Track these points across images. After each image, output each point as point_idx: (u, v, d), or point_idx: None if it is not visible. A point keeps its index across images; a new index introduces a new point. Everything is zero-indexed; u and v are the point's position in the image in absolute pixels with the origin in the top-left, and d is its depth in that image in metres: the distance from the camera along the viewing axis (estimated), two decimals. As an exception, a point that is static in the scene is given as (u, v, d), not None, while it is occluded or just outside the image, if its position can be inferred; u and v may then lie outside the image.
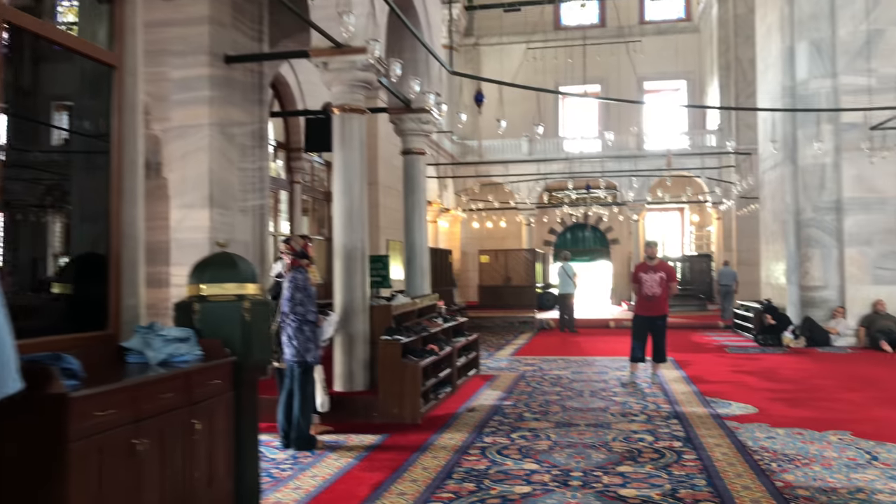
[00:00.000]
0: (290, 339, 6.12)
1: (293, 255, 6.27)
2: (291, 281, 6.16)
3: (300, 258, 6.29)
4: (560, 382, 9.45)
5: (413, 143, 10.13)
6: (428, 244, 10.31)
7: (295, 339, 6.10)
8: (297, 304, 6.10)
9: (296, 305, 6.10)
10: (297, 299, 6.10)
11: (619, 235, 29.35)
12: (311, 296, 6.21)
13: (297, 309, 6.11)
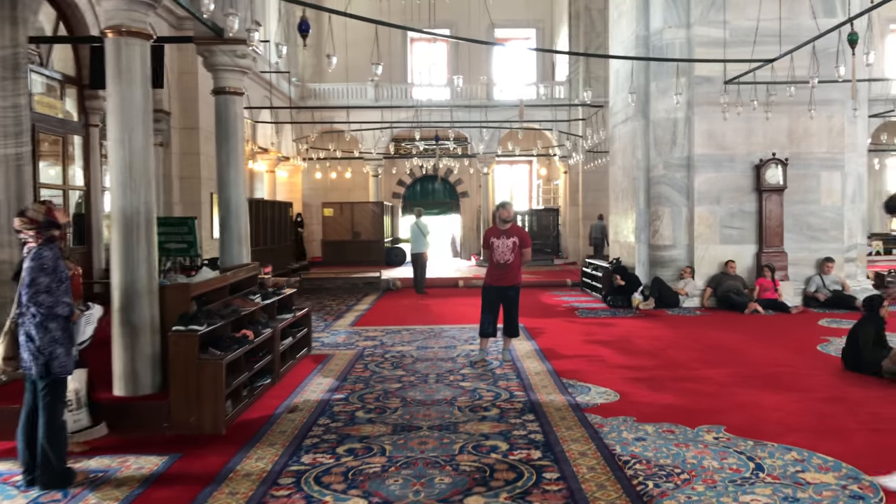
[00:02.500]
0: (30, 339, 4.49)
1: (35, 228, 4.58)
2: (34, 260, 4.50)
3: (46, 229, 4.60)
4: (403, 363, 8.27)
5: (227, 80, 8.42)
6: (245, 201, 8.70)
7: (37, 339, 4.48)
8: (41, 291, 4.46)
9: (39, 293, 4.46)
10: (40, 285, 4.46)
11: (469, 188, 28.62)
12: (61, 280, 4.57)
13: (42, 298, 4.47)
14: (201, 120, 14.09)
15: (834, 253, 13.07)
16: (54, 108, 10.08)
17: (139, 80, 5.81)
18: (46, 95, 10.11)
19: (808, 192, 13.11)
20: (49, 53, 10.12)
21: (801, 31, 12.29)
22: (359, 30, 25.11)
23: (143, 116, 5.83)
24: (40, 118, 9.47)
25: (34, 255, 4.52)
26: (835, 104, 13.02)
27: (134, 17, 5.78)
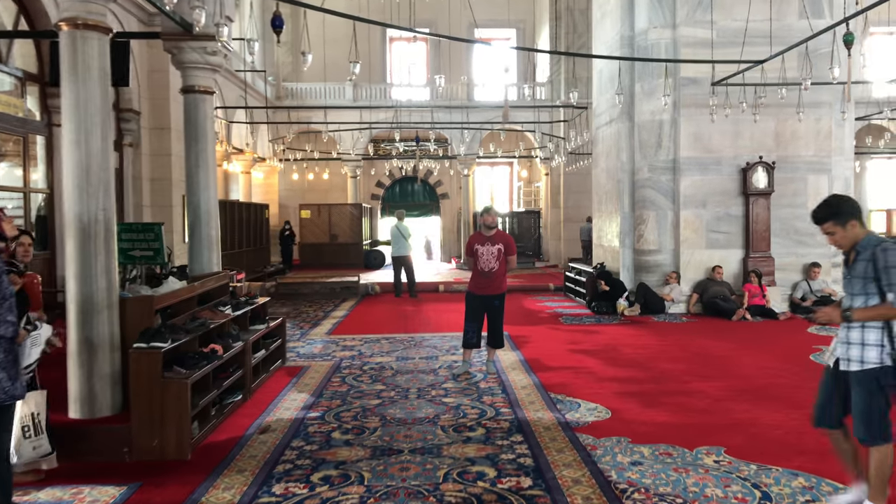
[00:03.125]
0: None
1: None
2: None
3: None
4: (382, 376, 7.88)
5: (196, 78, 7.98)
6: (216, 205, 8.27)
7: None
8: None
9: None
10: None
11: (449, 190, 28.26)
12: (5, 297, 4.12)
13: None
14: (173, 119, 13.58)
15: (821, 258, 12.86)
16: (14, 107, 9.58)
17: (97, 77, 5.37)
18: (5, 93, 9.60)
19: (796, 196, 12.89)
20: (9, 49, 9.61)
21: (790, 32, 12.08)
22: (337, 28, 24.67)
23: (101, 116, 5.40)
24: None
25: None
26: (823, 106, 12.82)
27: (91, 8, 5.34)
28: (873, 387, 3.72)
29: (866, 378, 3.74)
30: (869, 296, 3.74)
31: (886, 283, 3.63)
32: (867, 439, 3.79)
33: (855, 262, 3.80)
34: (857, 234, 3.78)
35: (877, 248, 3.70)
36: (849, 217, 3.77)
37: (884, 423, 3.75)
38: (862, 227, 3.79)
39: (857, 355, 3.78)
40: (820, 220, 3.86)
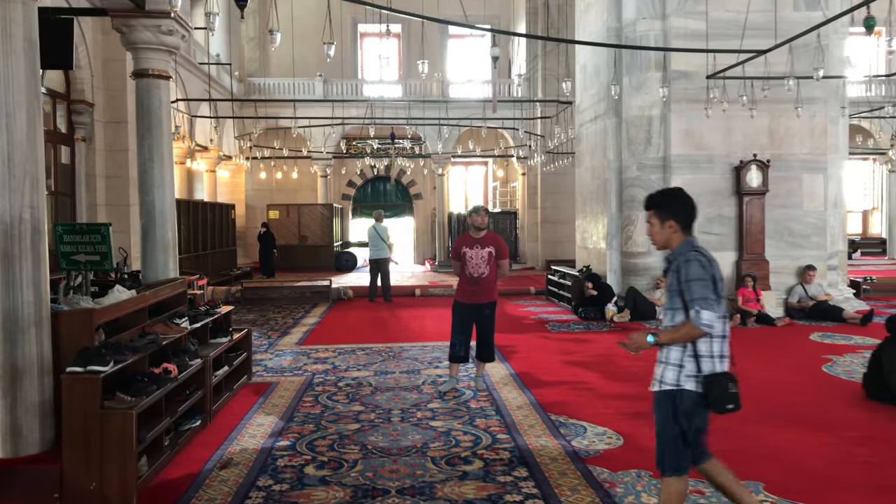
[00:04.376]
0: None
1: None
2: None
3: None
4: (360, 394, 7.06)
5: (149, 61, 7.10)
6: (173, 204, 7.40)
7: None
8: None
9: None
10: None
11: (423, 190, 27.47)
12: None
13: None
14: (130, 112, 12.60)
15: (816, 260, 12.31)
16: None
17: (22, 49, 4.50)
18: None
19: (790, 196, 12.32)
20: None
21: (784, 24, 11.48)
22: (305, 22, 23.82)
23: (27, 96, 4.53)
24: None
25: None
26: (817, 103, 12.26)
27: (13, -34, 4.47)
28: (668, 410, 3.40)
29: (662, 400, 3.43)
30: (676, 311, 3.42)
31: (689, 298, 3.28)
32: (658, 467, 3.47)
33: (667, 272, 3.47)
34: (670, 238, 3.44)
35: (680, 259, 3.36)
36: (669, 216, 3.43)
37: (675, 453, 3.40)
38: (682, 233, 3.43)
39: (658, 374, 3.47)
40: (646, 206, 3.56)
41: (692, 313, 3.25)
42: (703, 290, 3.23)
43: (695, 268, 3.26)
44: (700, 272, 3.26)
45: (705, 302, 3.21)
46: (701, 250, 3.36)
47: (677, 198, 3.49)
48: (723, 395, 3.30)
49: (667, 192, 3.56)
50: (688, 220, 3.45)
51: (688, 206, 3.46)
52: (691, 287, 3.25)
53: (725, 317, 3.38)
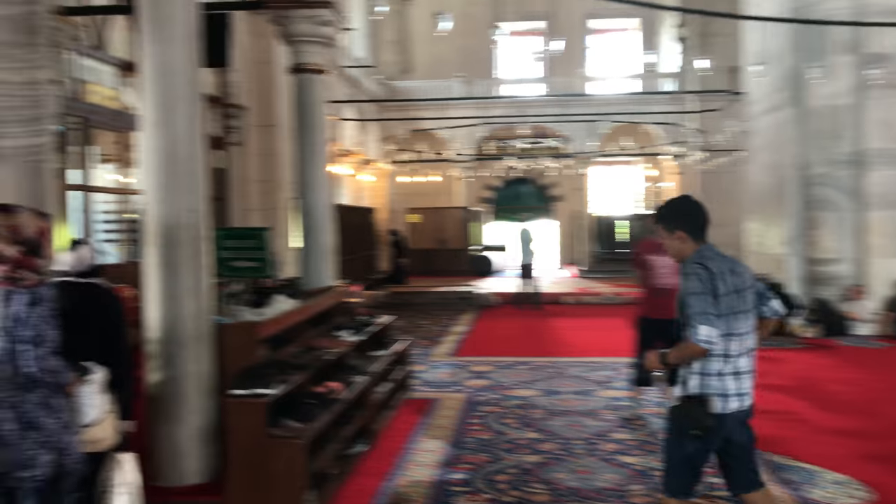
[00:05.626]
0: (31, 426, 2.83)
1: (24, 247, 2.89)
2: (38, 303, 2.85)
3: (30, 256, 2.91)
4: (531, 419, 6.32)
5: (307, 54, 6.72)
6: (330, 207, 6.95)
7: (45, 425, 2.86)
8: (49, 352, 2.85)
9: (48, 356, 2.84)
10: (49, 343, 2.85)
11: (564, 191, 26.45)
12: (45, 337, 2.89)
13: (52, 363, 2.86)
14: (280, 115, 12.51)
15: None
16: (110, 99, 8.62)
17: (180, 37, 4.07)
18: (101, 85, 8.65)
19: None
20: (104, 35, 8.66)
21: None
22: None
23: (186, 88, 4.10)
24: (93, 109, 8.01)
25: (36, 296, 2.85)
26: None
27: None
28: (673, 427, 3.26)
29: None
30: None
31: (688, 313, 3.09)
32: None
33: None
34: (682, 249, 3.24)
35: (683, 272, 3.21)
36: (675, 226, 3.24)
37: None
38: (694, 242, 3.21)
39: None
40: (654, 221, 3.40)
41: (690, 329, 3.05)
42: (701, 304, 3.04)
43: (692, 282, 3.10)
44: (697, 286, 3.07)
45: (702, 317, 3.02)
46: (705, 262, 3.12)
47: (682, 206, 3.34)
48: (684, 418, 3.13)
49: (670, 202, 3.43)
50: (696, 227, 3.22)
51: (694, 214, 3.26)
52: (689, 301, 3.08)
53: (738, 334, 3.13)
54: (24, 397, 2.81)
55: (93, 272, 3.77)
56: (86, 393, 3.15)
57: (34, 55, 4.86)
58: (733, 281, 3.11)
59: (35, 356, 2.78)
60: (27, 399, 2.81)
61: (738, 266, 3.22)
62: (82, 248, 3.84)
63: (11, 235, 2.85)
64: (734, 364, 3.14)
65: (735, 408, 3.15)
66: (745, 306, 3.14)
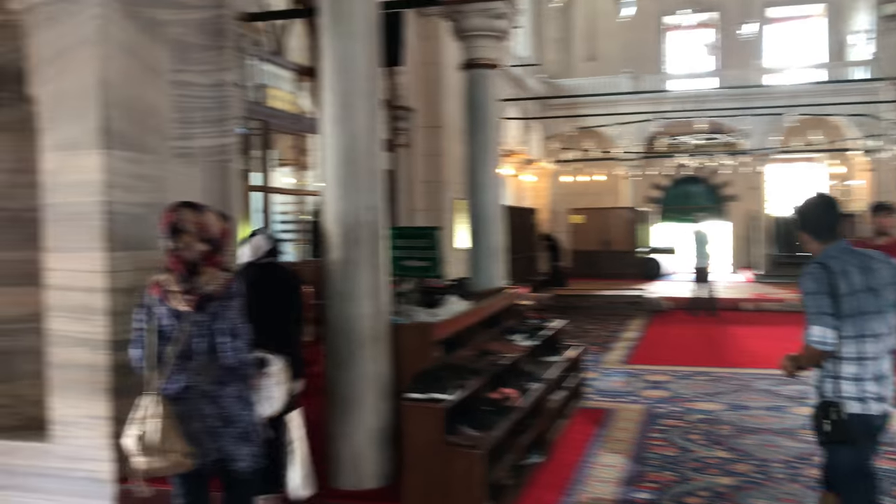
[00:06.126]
0: (230, 421, 2.93)
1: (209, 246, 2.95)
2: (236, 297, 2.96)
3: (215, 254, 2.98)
4: (719, 435, 5.79)
5: (479, 49, 6.56)
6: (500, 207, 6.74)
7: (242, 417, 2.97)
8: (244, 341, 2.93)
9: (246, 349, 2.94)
10: (242, 332, 2.93)
11: (739, 190, 24.86)
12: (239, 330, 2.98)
13: (249, 356, 2.98)
14: (446, 116, 12.54)
15: None
16: (288, 103, 8.93)
17: (361, 31, 3.99)
18: (280, 90, 8.98)
19: None
20: (283, 41, 8.98)
21: None
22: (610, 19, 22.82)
23: (366, 85, 4.01)
24: (272, 113, 8.31)
25: (230, 291, 2.93)
26: None
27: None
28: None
29: None
30: None
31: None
32: None
33: None
34: (813, 250, 3.14)
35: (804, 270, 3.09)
36: (800, 227, 3.22)
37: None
38: (818, 243, 3.09)
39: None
40: None
41: (806, 331, 3.03)
42: (814, 303, 2.98)
43: (806, 281, 3.03)
44: (811, 286, 3.00)
45: (815, 317, 2.97)
46: (826, 261, 3.00)
47: (805, 207, 3.23)
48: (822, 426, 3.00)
49: (799, 205, 3.28)
50: (817, 227, 3.13)
51: (815, 214, 3.16)
52: (804, 301, 3.04)
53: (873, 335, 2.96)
54: (223, 391, 2.90)
55: (270, 256, 4.02)
56: (267, 385, 3.19)
57: (221, 57, 5.01)
58: (863, 279, 2.97)
59: (232, 348, 2.86)
60: (226, 393, 2.90)
61: (876, 263, 3.04)
62: (257, 238, 4.12)
63: (199, 233, 2.91)
64: (873, 367, 2.98)
65: (877, 411, 2.98)
66: (879, 306, 2.98)
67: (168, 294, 2.87)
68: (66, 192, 4.20)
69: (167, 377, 2.88)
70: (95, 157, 4.14)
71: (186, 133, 4.81)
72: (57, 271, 4.22)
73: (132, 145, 4.34)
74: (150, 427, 2.80)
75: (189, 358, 2.86)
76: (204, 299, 2.85)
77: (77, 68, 4.16)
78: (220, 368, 2.87)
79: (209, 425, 2.86)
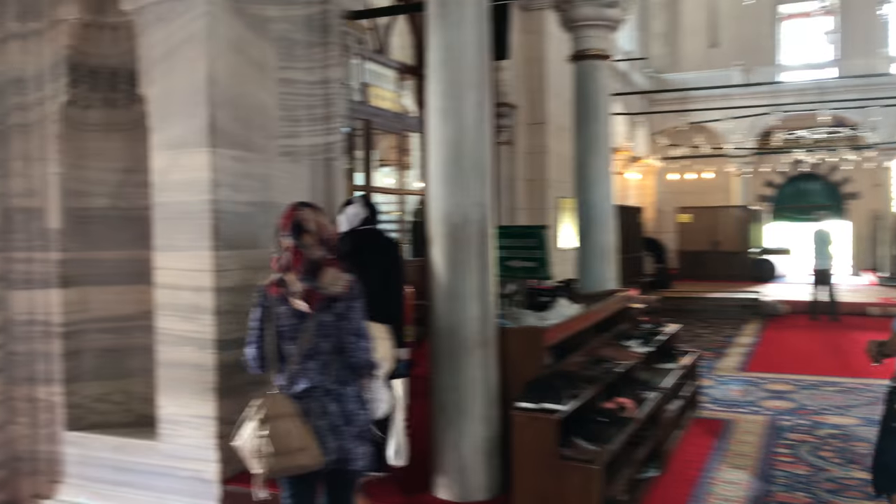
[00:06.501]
0: (348, 419, 2.91)
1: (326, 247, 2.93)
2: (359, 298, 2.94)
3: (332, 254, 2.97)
4: (855, 453, 5.29)
5: (589, 40, 6.24)
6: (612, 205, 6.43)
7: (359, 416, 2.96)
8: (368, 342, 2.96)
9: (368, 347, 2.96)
10: (365, 332, 2.96)
11: (862, 187, 23.32)
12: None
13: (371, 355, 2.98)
14: (549, 113, 12.22)
15: None
16: (390, 102, 8.87)
17: (471, 19, 3.79)
18: (383, 88, 8.93)
19: None
20: (385, 40, 8.92)
21: None
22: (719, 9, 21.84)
23: (476, 74, 3.81)
24: (376, 112, 8.26)
25: (353, 291, 2.90)
26: None
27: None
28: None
29: None
30: None
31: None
32: None
33: None
34: None
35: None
36: None
37: None
38: None
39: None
40: None
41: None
42: None
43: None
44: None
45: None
46: None
47: None
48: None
49: None
50: None
51: None
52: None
53: None
54: (345, 390, 2.88)
55: (367, 223, 4.14)
56: (375, 388, 3.13)
57: (326, 54, 4.93)
58: None
59: (361, 348, 2.87)
60: (347, 392, 2.88)
61: None
62: (353, 206, 4.21)
63: (318, 233, 2.89)
64: None
65: None
66: None
67: (290, 294, 2.84)
68: (174, 190, 4.21)
69: (290, 377, 2.86)
70: (202, 156, 4.12)
71: (292, 131, 4.76)
72: (165, 270, 4.24)
73: (238, 143, 4.31)
74: (278, 427, 2.74)
75: (312, 357, 2.84)
76: (328, 300, 2.82)
77: (185, 67, 4.16)
78: (343, 368, 2.87)
79: (332, 423, 2.82)
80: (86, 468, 4.45)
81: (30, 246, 4.60)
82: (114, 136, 4.73)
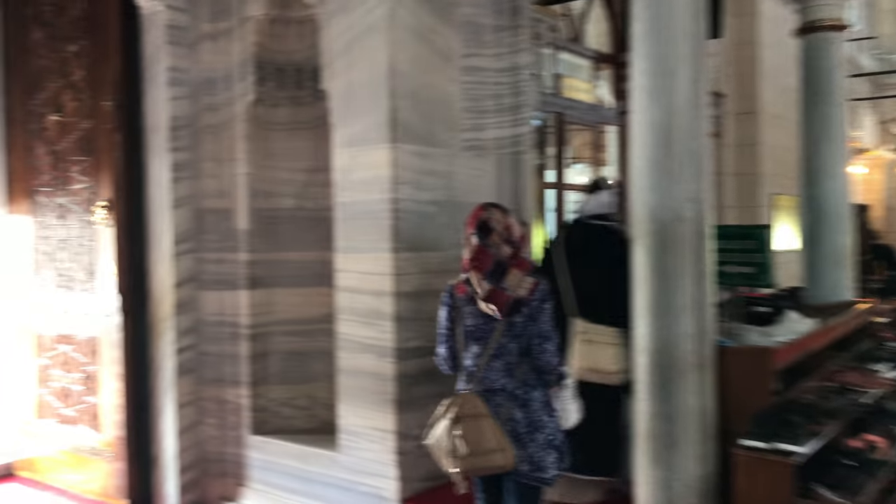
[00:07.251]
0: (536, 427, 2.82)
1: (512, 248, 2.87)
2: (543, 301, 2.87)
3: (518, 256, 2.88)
4: None
5: (819, 9, 5.33)
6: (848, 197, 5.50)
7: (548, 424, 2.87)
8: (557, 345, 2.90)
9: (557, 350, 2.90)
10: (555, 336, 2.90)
11: None
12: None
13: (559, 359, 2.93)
14: (762, 101, 11.07)
15: None
16: (584, 93, 8.35)
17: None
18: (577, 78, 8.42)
19: None
20: (580, 27, 8.41)
21: None
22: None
23: (689, 47, 3.22)
24: (569, 104, 7.79)
25: (543, 293, 2.86)
26: None
27: None
28: None
29: None
30: None
31: None
32: None
33: None
34: None
35: None
36: None
37: None
38: None
39: None
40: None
41: None
42: None
43: None
44: None
45: None
46: None
47: None
48: None
49: None
50: None
51: None
52: None
53: None
54: (531, 395, 2.81)
55: (607, 217, 3.92)
56: (565, 397, 2.97)
57: (516, 39, 4.54)
58: None
59: (547, 351, 2.80)
60: (533, 397, 2.81)
61: None
62: (603, 193, 4.00)
63: (505, 234, 2.81)
64: None
65: None
66: None
67: (475, 294, 2.80)
68: (355, 189, 3.99)
69: (479, 378, 2.82)
70: (383, 152, 3.86)
71: (477, 123, 4.40)
72: (346, 273, 4.04)
73: (421, 138, 4.02)
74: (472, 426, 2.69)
75: (498, 358, 2.80)
76: (514, 302, 2.76)
77: (366, 58, 3.92)
78: (529, 371, 2.82)
79: (518, 431, 2.75)
80: (269, 474, 4.37)
81: (220, 247, 4.61)
82: (299, 135, 4.63)
